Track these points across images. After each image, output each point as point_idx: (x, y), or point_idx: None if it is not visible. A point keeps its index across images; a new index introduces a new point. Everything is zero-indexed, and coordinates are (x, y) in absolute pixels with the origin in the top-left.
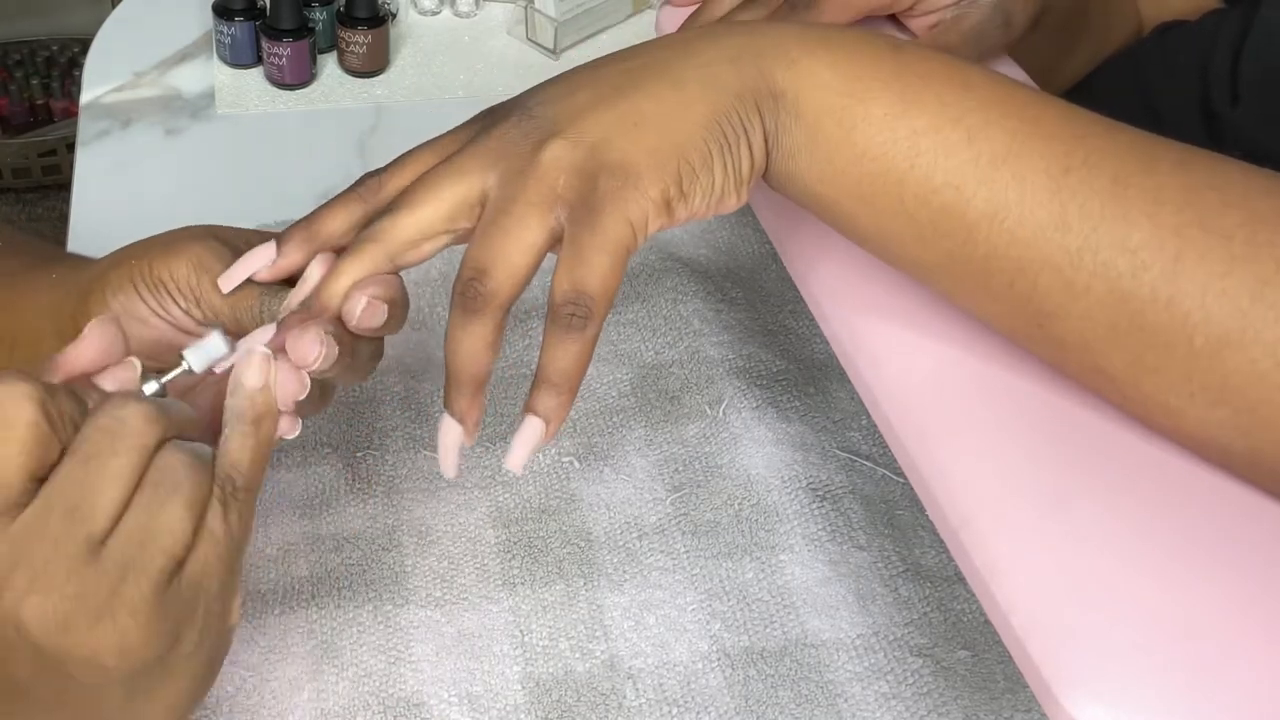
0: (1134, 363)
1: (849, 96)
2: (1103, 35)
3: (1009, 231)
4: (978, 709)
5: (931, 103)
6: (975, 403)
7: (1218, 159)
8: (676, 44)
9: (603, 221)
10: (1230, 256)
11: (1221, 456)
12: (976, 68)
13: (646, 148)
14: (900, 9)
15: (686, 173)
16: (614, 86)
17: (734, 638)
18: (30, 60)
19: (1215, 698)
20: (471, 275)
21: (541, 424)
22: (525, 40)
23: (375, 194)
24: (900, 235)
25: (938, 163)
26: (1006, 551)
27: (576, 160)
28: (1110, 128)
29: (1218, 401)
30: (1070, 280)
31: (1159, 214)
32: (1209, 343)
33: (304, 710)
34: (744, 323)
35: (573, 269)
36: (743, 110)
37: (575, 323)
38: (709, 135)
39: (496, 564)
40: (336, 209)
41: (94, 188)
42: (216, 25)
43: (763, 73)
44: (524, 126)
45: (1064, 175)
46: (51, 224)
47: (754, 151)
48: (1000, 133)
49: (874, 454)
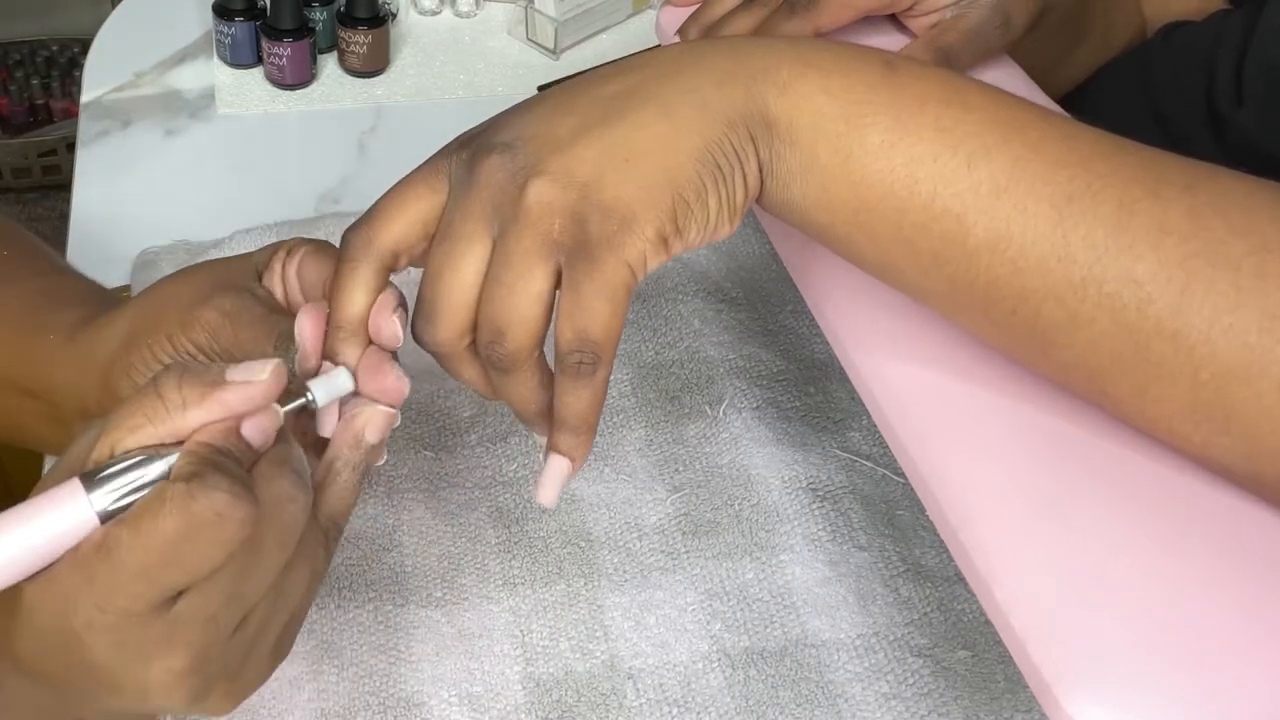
0: (1139, 392)
1: (844, 123)
2: (1105, 36)
3: (1011, 261)
4: (978, 709)
5: (929, 128)
6: (975, 403)
7: (1226, 178)
8: (661, 65)
9: (600, 267)
10: (1238, 289)
11: (1225, 474)
12: (975, 85)
13: (640, 184)
14: (900, 9)
15: (681, 209)
16: (599, 115)
17: (734, 638)
18: (30, 60)
19: (1215, 698)
20: (491, 339)
21: (566, 462)
22: (525, 40)
23: (368, 253)
24: (899, 262)
25: (936, 191)
26: (1006, 551)
27: (569, 202)
28: (1115, 148)
29: (1223, 431)
30: (1074, 311)
31: (1164, 244)
32: (1215, 376)
33: (304, 710)
34: (744, 323)
35: (574, 317)
36: (735, 139)
37: (584, 370)
38: (703, 167)
39: (496, 564)
40: (347, 290)
41: (94, 188)
42: (216, 25)
43: (754, 98)
44: (509, 167)
45: (1067, 204)
46: (51, 224)
47: (748, 180)
48: (1001, 159)
49: (874, 454)
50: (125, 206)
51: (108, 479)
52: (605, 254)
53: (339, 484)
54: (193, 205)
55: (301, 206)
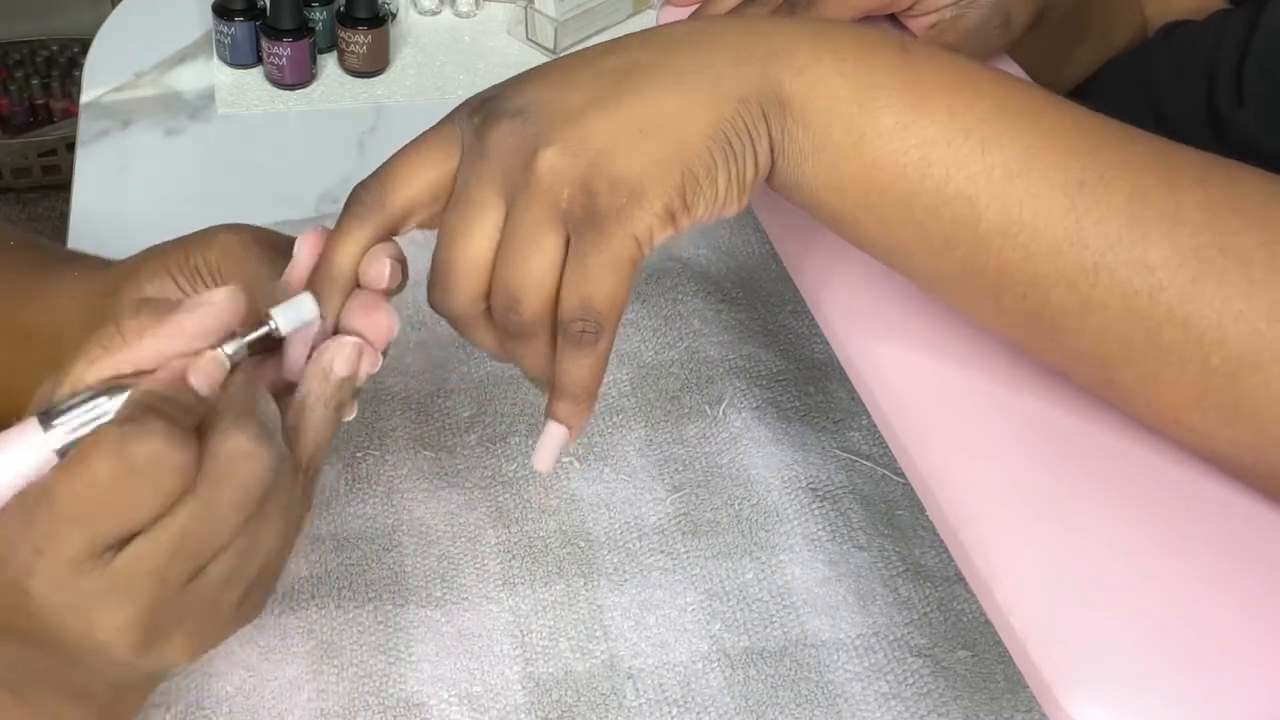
0: (1147, 379)
1: (858, 106)
2: (1105, 35)
3: (1023, 246)
4: (978, 709)
5: (942, 113)
6: (975, 403)
7: (1239, 172)
8: (677, 39)
9: (608, 239)
10: (1250, 280)
11: (1228, 467)
12: (988, 71)
13: (650, 158)
14: (899, 8)
15: (690, 184)
16: (612, 85)
17: (734, 638)
18: (30, 60)
19: (1215, 698)
20: (506, 306)
21: (563, 429)
22: (525, 40)
23: (380, 212)
24: (909, 246)
25: (949, 175)
26: (1006, 551)
27: (578, 173)
28: (1128, 138)
29: (1230, 420)
30: (1085, 297)
31: (1177, 233)
32: (1224, 363)
33: (304, 710)
34: (744, 323)
35: (579, 286)
36: (748, 116)
37: (586, 338)
38: (714, 144)
39: (496, 564)
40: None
41: (94, 188)
42: (216, 25)
43: (769, 77)
44: (521, 133)
45: (1080, 190)
46: (51, 224)
47: (759, 158)
48: (1014, 145)
49: (874, 454)
50: (125, 206)
51: (63, 415)
52: (613, 226)
53: (312, 421)
54: (193, 205)
55: (301, 206)
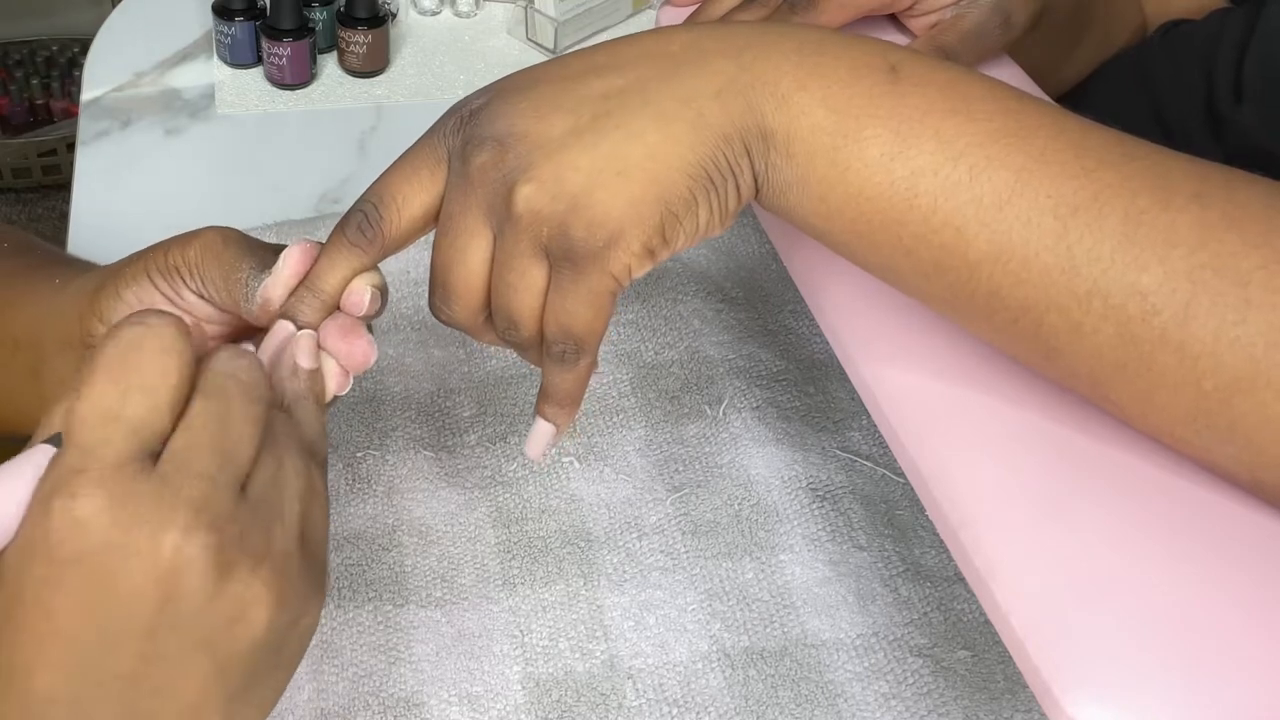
0: (1141, 399)
1: (843, 137)
2: (1105, 35)
3: (1013, 274)
4: (978, 709)
5: (930, 140)
6: (975, 403)
7: (1239, 183)
8: (659, 64)
9: (585, 277)
10: (1246, 303)
11: (1227, 479)
12: (981, 88)
13: (628, 199)
14: (899, 9)
15: (669, 221)
16: (590, 120)
17: (734, 638)
18: (30, 60)
19: (1215, 698)
20: (506, 326)
21: (551, 426)
22: (525, 40)
23: (373, 245)
24: (900, 268)
25: (937, 204)
26: (1006, 551)
27: (556, 213)
28: (1123, 155)
29: (1226, 440)
30: (1078, 322)
31: (1171, 256)
32: (1219, 388)
33: (304, 710)
34: (744, 323)
35: (559, 315)
36: (730, 153)
37: (568, 358)
38: (694, 182)
39: (496, 564)
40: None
41: (94, 188)
42: (216, 25)
43: (751, 109)
44: (501, 167)
45: (1072, 215)
46: (51, 224)
47: (742, 190)
48: (1004, 170)
49: (874, 454)
50: (125, 206)
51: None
52: (590, 265)
53: (300, 414)
54: (193, 205)
55: (301, 206)
